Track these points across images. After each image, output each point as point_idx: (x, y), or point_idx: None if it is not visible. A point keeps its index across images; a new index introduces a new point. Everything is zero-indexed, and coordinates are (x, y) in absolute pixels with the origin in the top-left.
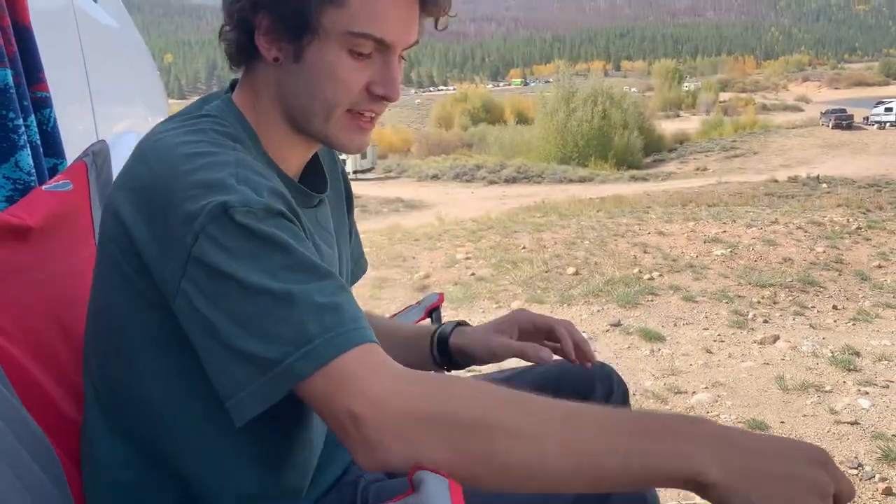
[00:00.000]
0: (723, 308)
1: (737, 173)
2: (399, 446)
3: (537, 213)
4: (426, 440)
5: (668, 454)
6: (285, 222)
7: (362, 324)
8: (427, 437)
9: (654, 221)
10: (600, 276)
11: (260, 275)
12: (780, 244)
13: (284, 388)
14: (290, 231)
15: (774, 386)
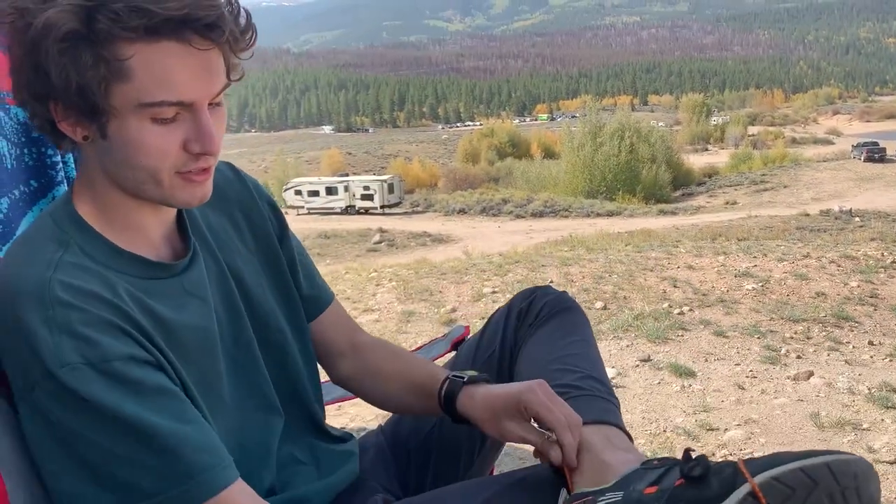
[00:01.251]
0: (755, 343)
1: (767, 207)
2: None
3: (564, 247)
4: None
5: None
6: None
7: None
8: None
9: (683, 255)
10: (629, 311)
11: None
12: (813, 278)
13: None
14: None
15: (809, 423)
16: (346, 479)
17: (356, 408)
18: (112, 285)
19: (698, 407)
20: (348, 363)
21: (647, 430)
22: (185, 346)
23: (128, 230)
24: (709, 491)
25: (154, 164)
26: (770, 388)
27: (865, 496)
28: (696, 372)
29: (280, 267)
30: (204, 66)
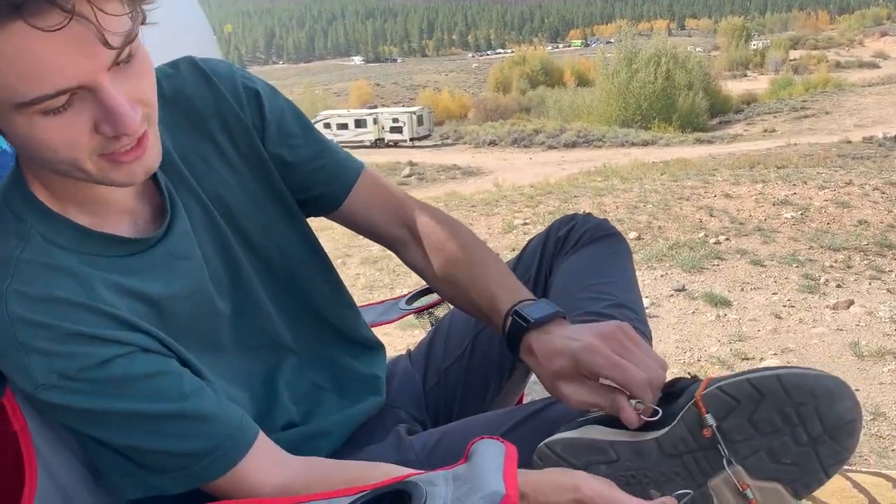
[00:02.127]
0: (793, 272)
1: (807, 134)
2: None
3: (598, 177)
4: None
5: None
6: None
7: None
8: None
9: (720, 184)
10: (664, 241)
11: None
12: (855, 206)
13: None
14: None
15: (848, 352)
16: (371, 409)
17: (388, 337)
18: (83, 278)
19: (733, 336)
20: (414, 254)
21: (681, 360)
22: (179, 317)
23: (93, 205)
24: (675, 407)
25: (66, 156)
26: (808, 318)
27: (830, 418)
28: (732, 301)
29: (271, 176)
30: (71, 40)
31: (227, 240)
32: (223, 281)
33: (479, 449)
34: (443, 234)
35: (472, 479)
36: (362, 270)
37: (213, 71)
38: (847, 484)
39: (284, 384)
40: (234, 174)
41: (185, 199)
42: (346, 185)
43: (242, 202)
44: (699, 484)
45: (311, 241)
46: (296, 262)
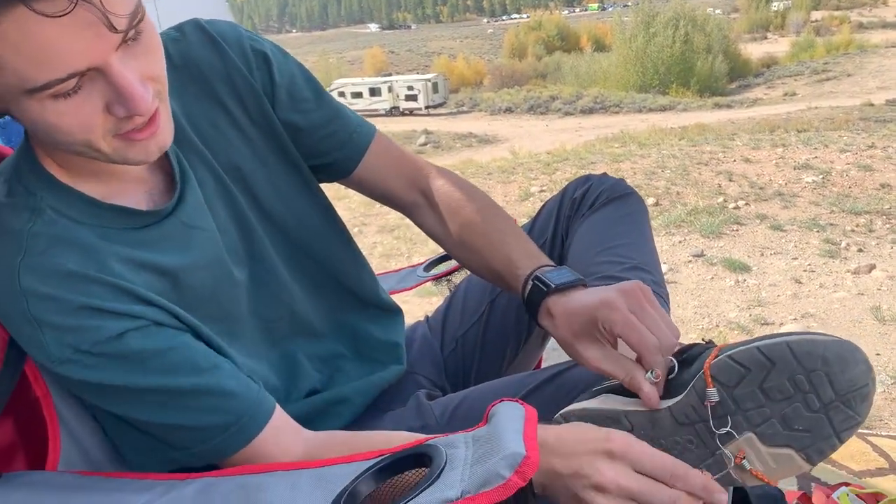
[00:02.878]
0: (813, 237)
1: (829, 98)
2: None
3: (615, 143)
4: None
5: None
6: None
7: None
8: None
9: (739, 149)
10: (682, 206)
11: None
12: (878, 170)
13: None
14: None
15: (870, 317)
16: (391, 377)
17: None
18: (94, 251)
19: (753, 301)
20: (429, 219)
21: (700, 326)
22: (196, 288)
23: (105, 178)
24: (687, 375)
25: (80, 138)
26: (829, 282)
27: (841, 383)
28: (752, 266)
29: (283, 142)
30: (78, 24)
31: (242, 208)
32: (239, 250)
33: (499, 411)
34: (459, 198)
35: (492, 440)
36: (379, 239)
37: (219, 34)
38: (867, 447)
39: (305, 353)
40: (245, 141)
41: (197, 169)
42: (358, 150)
43: (255, 169)
44: (712, 451)
45: (326, 207)
46: (311, 228)
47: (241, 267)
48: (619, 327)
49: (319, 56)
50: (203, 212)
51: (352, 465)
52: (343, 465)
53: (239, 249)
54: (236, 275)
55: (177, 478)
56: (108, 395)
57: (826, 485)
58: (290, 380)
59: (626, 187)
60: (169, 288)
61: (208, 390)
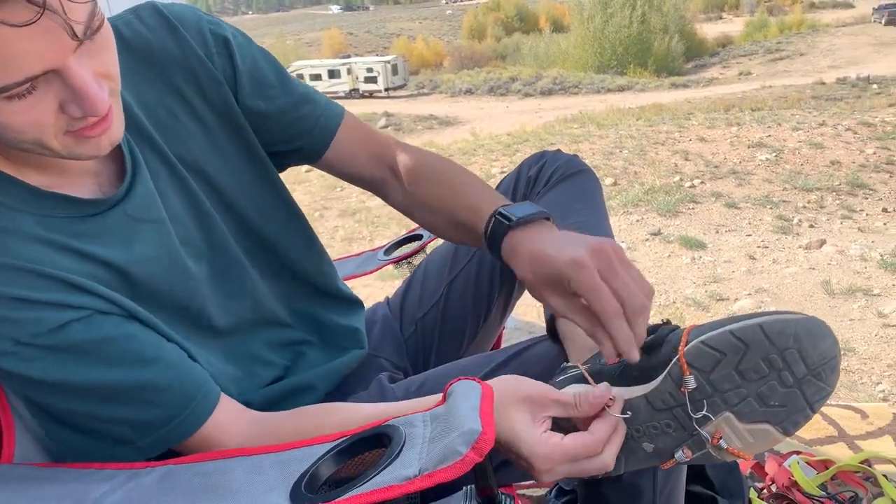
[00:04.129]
0: (767, 214)
1: (782, 76)
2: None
3: (574, 124)
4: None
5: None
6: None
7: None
8: None
9: (695, 128)
10: (640, 186)
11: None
12: (828, 147)
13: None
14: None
15: (820, 290)
16: (353, 361)
17: (368, 288)
18: (31, 240)
19: (708, 278)
20: (397, 193)
21: (657, 302)
22: (147, 282)
23: (52, 168)
24: (655, 360)
25: (32, 136)
26: (781, 258)
27: (812, 358)
28: (707, 244)
29: (241, 129)
30: (39, 31)
31: (199, 199)
32: (196, 241)
33: (457, 390)
34: (423, 164)
35: (449, 418)
36: (341, 223)
37: (177, 17)
38: (818, 416)
39: (268, 341)
40: (202, 128)
41: (150, 159)
42: (327, 134)
43: (213, 158)
44: (690, 433)
45: (284, 196)
46: (270, 218)
47: (199, 258)
48: (583, 290)
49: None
50: (153, 203)
51: (313, 448)
52: (304, 447)
53: (196, 240)
54: (191, 267)
55: (138, 466)
56: (47, 390)
57: (778, 453)
58: (252, 369)
59: (580, 163)
60: (117, 280)
61: (152, 383)
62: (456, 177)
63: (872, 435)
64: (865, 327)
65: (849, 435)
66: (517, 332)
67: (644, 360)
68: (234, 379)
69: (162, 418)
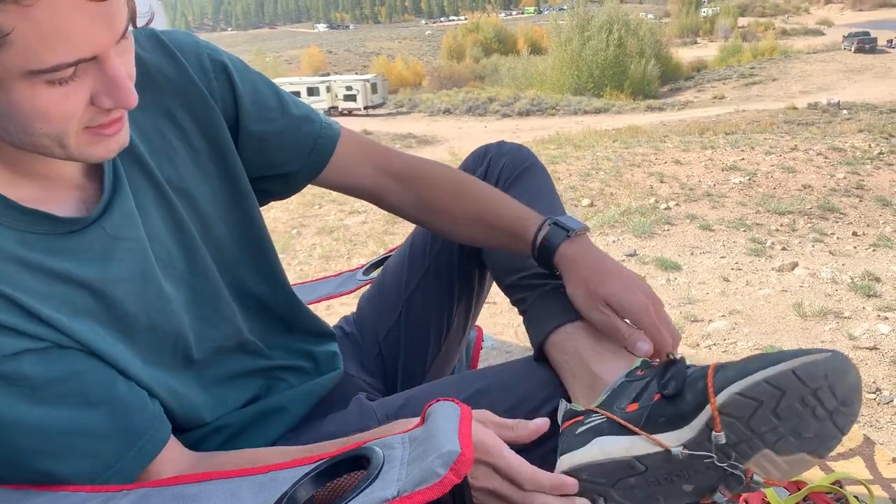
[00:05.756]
0: (740, 236)
1: (755, 101)
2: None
3: (552, 145)
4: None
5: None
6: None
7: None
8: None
9: (670, 151)
10: (616, 207)
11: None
12: (800, 171)
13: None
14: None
15: (792, 313)
16: (329, 383)
17: (345, 307)
18: (6, 257)
19: (683, 299)
20: (396, 194)
21: None
22: (118, 303)
23: (37, 181)
24: (684, 406)
25: (57, 129)
26: (755, 280)
27: (841, 391)
28: (682, 265)
29: (227, 154)
30: (103, 11)
31: (184, 222)
32: (177, 265)
33: (435, 411)
34: (428, 169)
35: (428, 440)
36: (318, 240)
37: (175, 44)
38: None
39: (246, 368)
40: (192, 153)
41: (136, 178)
42: (326, 152)
43: (200, 184)
44: (730, 472)
45: (260, 228)
46: (245, 248)
47: (177, 282)
48: (646, 328)
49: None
50: (132, 222)
51: (291, 471)
52: (282, 470)
53: (177, 263)
54: (166, 289)
55: (112, 489)
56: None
57: None
58: (226, 394)
59: (527, 156)
60: (91, 301)
61: (91, 429)
62: (474, 188)
63: (843, 456)
64: (836, 349)
65: None
66: (494, 352)
67: (670, 408)
68: (207, 406)
69: (97, 466)
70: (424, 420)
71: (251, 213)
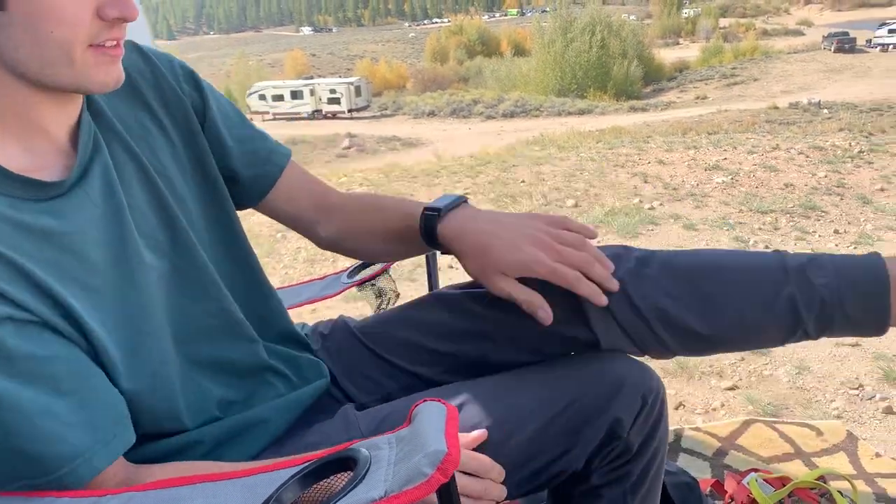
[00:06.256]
0: (724, 235)
1: (737, 101)
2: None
3: (536, 146)
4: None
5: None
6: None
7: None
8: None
9: (654, 151)
10: (600, 208)
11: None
12: (782, 170)
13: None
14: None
15: None
16: (315, 393)
17: (331, 310)
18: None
19: None
20: (325, 228)
21: None
22: (99, 268)
23: (17, 146)
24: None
25: (67, 34)
26: None
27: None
28: None
29: (206, 163)
30: None
31: (166, 199)
32: (158, 238)
33: (422, 411)
34: (352, 199)
35: (414, 440)
36: (303, 244)
37: (148, 50)
38: (774, 434)
39: (229, 357)
40: (170, 146)
41: (118, 152)
42: (277, 169)
43: (178, 174)
44: None
45: (235, 225)
46: (220, 244)
47: (159, 254)
48: (546, 277)
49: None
50: (111, 188)
51: (277, 473)
52: (268, 473)
53: (158, 236)
54: (146, 257)
55: (96, 494)
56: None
57: (737, 471)
58: (203, 383)
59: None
60: (73, 262)
61: (58, 416)
62: (378, 202)
63: (827, 452)
64: (819, 346)
65: (805, 452)
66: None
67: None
68: (184, 394)
69: (64, 454)
70: (411, 420)
71: (227, 210)
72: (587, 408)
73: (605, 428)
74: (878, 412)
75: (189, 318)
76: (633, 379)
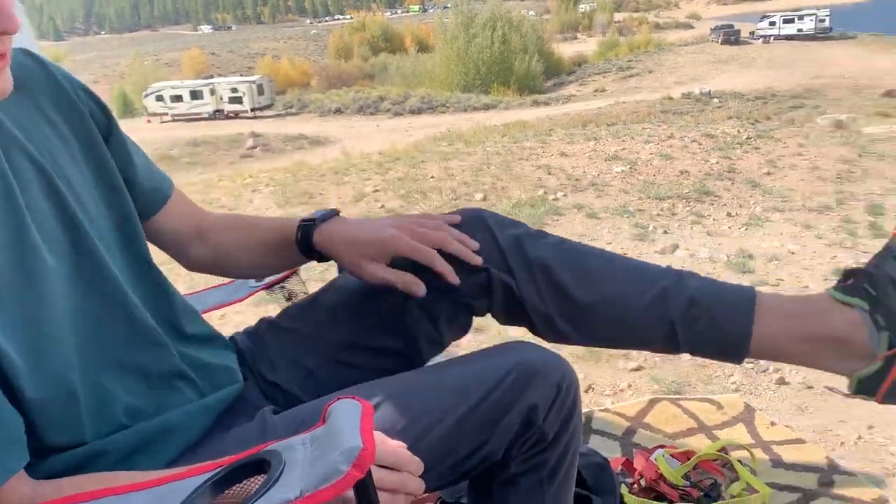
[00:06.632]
0: (625, 222)
1: (633, 93)
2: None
3: (444, 142)
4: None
5: None
6: None
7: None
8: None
9: (556, 143)
10: (507, 200)
11: None
12: (677, 158)
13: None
14: None
15: None
16: (229, 397)
17: (240, 315)
18: None
19: None
20: (196, 249)
21: None
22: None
23: None
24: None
25: None
26: None
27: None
28: None
29: (107, 168)
30: None
31: (66, 201)
32: (59, 239)
33: (336, 409)
34: (222, 221)
35: (329, 438)
36: None
37: (48, 61)
38: (679, 411)
39: (136, 364)
40: (66, 147)
41: (15, 157)
42: (169, 189)
43: (79, 178)
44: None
45: (136, 224)
46: (119, 242)
47: (60, 257)
48: (406, 253)
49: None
50: (9, 192)
51: (189, 480)
52: (180, 481)
53: (58, 238)
54: (48, 261)
55: None
56: None
57: (645, 449)
58: (108, 384)
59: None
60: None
61: None
62: (249, 219)
63: (728, 424)
64: None
65: (707, 426)
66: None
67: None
68: (85, 393)
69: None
70: (325, 419)
71: (129, 215)
72: (503, 398)
73: (521, 417)
74: (771, 384)
75: (93, 321)
76: (547, 368)
